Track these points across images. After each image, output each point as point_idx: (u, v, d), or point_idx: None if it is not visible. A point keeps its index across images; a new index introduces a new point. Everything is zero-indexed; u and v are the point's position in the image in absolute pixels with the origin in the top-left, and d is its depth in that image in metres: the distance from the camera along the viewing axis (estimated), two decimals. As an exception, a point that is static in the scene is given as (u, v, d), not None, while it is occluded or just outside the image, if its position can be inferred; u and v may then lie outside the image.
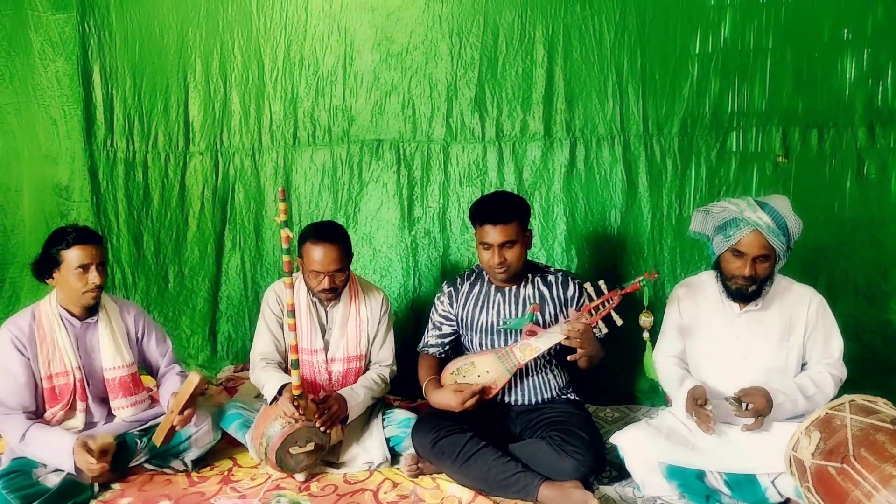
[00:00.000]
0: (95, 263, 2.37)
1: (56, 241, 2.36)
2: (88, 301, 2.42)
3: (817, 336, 2.33)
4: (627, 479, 2.40)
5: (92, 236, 2.42)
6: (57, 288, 2.43)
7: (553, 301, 2.58)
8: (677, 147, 3.13)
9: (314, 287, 2.58)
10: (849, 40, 2.96)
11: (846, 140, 2.99)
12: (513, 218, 2.42)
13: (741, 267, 2.23)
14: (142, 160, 3.64)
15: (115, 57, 3.58)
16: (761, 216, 2.19)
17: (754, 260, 2.21)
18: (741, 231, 2.20)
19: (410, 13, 3.32)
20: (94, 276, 2.37)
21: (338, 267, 2.54)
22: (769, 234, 2.17)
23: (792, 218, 2.23)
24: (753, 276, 2.22)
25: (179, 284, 3.70)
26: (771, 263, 2.24)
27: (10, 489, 2.16)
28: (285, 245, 2.29)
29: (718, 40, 3.05)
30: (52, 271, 2.38)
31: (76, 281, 2.36)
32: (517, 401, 2.62)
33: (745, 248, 2.21)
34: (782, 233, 2.19)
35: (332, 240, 2.54)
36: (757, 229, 2.18)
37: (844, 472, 1.80)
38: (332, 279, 2.55)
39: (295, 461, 2.39)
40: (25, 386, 2.36)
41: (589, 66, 3.18)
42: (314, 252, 2.51)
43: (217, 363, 3.63)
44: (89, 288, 2.37)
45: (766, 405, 2.17)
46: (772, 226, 2.18)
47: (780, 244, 2.19)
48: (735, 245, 2.23)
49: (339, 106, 3.46)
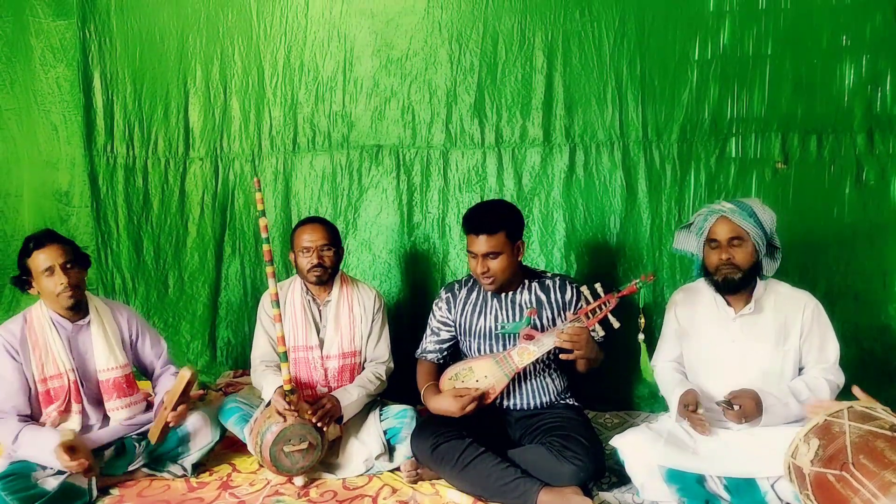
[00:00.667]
0: (59, 264, 2.37)
1: (23, 250, 2.40)
2: (66, 302, 2.41)
3: (813, 340, 2.34)
4: (627, 485, 2.39)
5: (51, 238, 2.42)
6: (40, 295, 2.45)
7: (550, 305, 2.58)
8: (677, 153, 3.13)
9: (304, 267, 2.67)
10: (848, 47, 2.96)
11: (845, 146, 3.00)
12: (498, 229, 2.42)
13: (719, 254, 2.31)
14: (142, 166, 3.65)
15: (115, 63, 3.60)
16: (724, 205, 2.33)
17: (729, 244, 2.29)
18: (708, 221, 2.34)
19: (410, 19, 3.33)
20: (59, 277, 2.37)
21: (325, 242, 2.67)
22: (733, 215, 2.28)
23: (759, 206, 2.32)
24: (731, 262, 2.29)
25: (179, 290, 3.70)
26: (750, 251, 2.29)
27: (9, 491, 2.16)
28: (264, 233, 2.38)
29: (718, 47, 3.06)
30: (29, 281, 2.41)
31: (47, 284, 2.37)
32: (516, 405, 2.61)
33: (717, 235, 2.32)
34: (749, 216, 2.27)
35: (317, 220, 2.76)
36: (722, 215, 2.30)
37: (844, 479, 1.80)
38: (320, 255, 2.65)
39: (290, 461, 2.38)
40: (19, 390, 2.38)
41: (588, 72, 3.19)
42: (303, 233, 2.70)
43: (216, 368, 3.64)
44: (60, 290, 2.37)
45: (754, 407, 2.20)
46: (735, 209, 2.29)
47: (751, 227, 2.26)
48: (708, 236, 2.34)
49: (338, 112, 3.47)
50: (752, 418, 2.21)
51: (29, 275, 2.40)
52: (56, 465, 2.25)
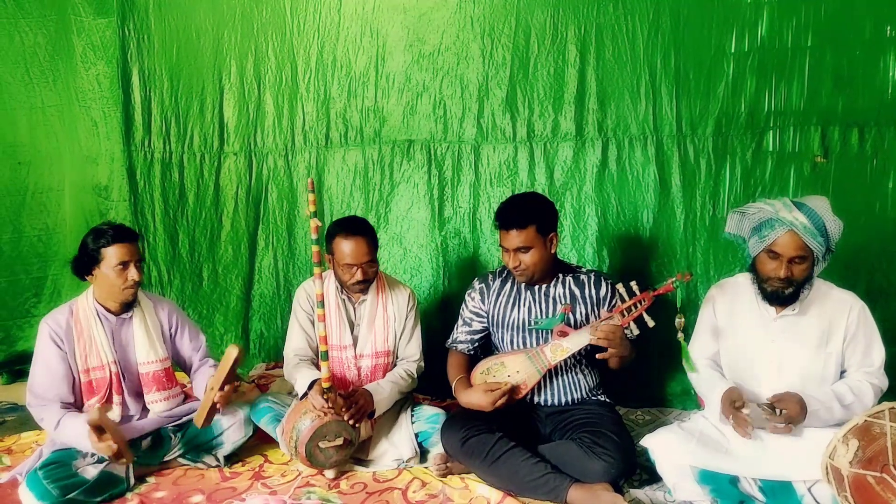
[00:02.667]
0: (134, 260, 2.44)
1: (96, 238, 2.42)
2: (127, 297, 2.48)
3: (857, 344, 2.26)
4: (658, 483, 2.36)
5: (130, 234, 2.48)
6: (95, 285, 2.50)
7: (584, 301, 2.56)
8: (711, 147, 3.08)
9: (347, 280, 2.64)
10: (891, 38, 2.88)
11: (888, 139, 2.92)
12: (529, 223, 2.41)
13: (777, 268, 2.18)
14: (178, 160, 3.71)
15: (153, 60, 3.66)
16: (797, 216, 2.14)
17: (790, 261, 2.16)
18: (776, 231, 2.16)
19: (442, 14, 3.33)
20: (133, 273, 2.43)
21: (369, 258, 2.62)
22: (805, 234, 2.13)
23: (830, 218, 2.17)
24: (789, 278, 2.17)
25: (213, 282, 3.76)
26: (808, 265, 2.19)
27: (51, 479, 2.22)
28: (314, 235, 2.35)
29: (755, 39, 3.00)
30: (91, 269, 2.44)
31: (116, 277, 2.42)
32: (547, 401, 2.60)
33: (781, 249, 2.16)
34: (820, 233, 2.14)
35: (361, 233, 2.62)
36: (793, 229, 2.13)
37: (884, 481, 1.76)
38: (365, 271, 2.62)
39: (325, 455, 2.41)
40: (63, 378, 2.43)
41: (621, 66, 3.15)
42: (345, 246, 2.59)
43: (249, 361, 3.69)
44: (128, 284, 2.44)
45: (799, 412, 2.12)
46: (808, 226, 2.13)
47: (817, 245, 2.14)
48: (770, 246, 2.19)
49: (370, 107, 3.49)
50: (797, 423, 2.13)
51: (95, 263, 2.42)
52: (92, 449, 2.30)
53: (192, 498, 2.37)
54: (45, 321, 2.47)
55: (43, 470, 2.25)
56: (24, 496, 2.21)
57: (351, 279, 2.62)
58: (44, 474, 2.23)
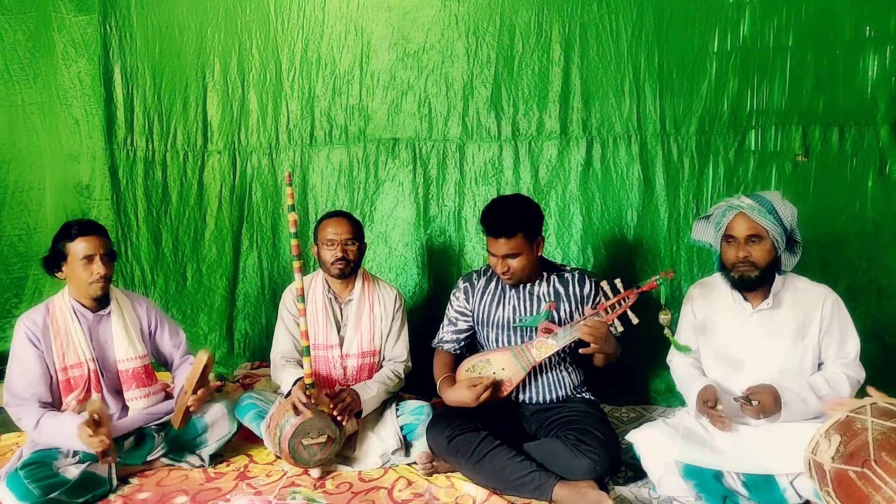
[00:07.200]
0: (99, 254, 2.42)
1: (61, 235, 2.44)
2: (96, 292, 2.46)
3: (832, 335, 2.31)
4: (643, 480, 2.38)
5: (95, 228, 2.48)
6: (67, 281, 2.49)
7: (569, 299, 2.57)
8: (695, 146, 3.11)
9: (328, 260, 2.68)
10: (871, 38, 2.92)
11: (868, 139, 2.95)
12: (516, 231, 2.41)
13: (736, 251, 2.27)
14: (161, 159, 3.68)
15: (135, 57, 3.63)
16: (744, 200, 2.27)
17: (746, 241, 2.25)
18: (726, 217, 2.29)
19: (427, 13, 3.33)
20: (98, 267, 2.42)
21: (349, 236, 2.68)
22: (752, 212, 2.23)
23: (779, 202, 2.27)
24: (748, 259, 2.25)
25: (197, 282, 3.74)
26: (769, 248, 2.24)
27: (32, 479, 2.19)
28: (293, 228, 2.36)
29: (738, 38, 3.02)
30: (60, 265, 2.45)
31: (82, 271, 2.41)
32: (532, 399, 2.61)
33: (735, 232, 2.27)
34: (769, 212, 2.22)
35: (342, 214, 2.77)
36: (741, 210, 2.25)
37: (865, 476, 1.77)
38: (345, 248, 2.66)
39: (308, 453, 2.40)
40: (40, 377, 2.41)
41: (606, 65, 3.17)
42: (327, 225, 2.70)
43: (234, 360, 3.67)
44: (94, 278, 2.42)
45: (773, 402, 2.16)
46: (754, 205, 2.24)
47: (769, 223, 2.21)
48: (726, 231, 2.29)
49: (355, 105, 3.48)
50: (771, 414, 2.18)
51: (62, 259, 2.43)
52: (76, 446, 2.28)
53: (177, 499, 2.35)
54: (22, 320, 2.45)
55: (24, 470, 2.22)
56: (5, 496, 2.18)
57: (332, 258, 2.66)
58: (25, 474, 2.21)
